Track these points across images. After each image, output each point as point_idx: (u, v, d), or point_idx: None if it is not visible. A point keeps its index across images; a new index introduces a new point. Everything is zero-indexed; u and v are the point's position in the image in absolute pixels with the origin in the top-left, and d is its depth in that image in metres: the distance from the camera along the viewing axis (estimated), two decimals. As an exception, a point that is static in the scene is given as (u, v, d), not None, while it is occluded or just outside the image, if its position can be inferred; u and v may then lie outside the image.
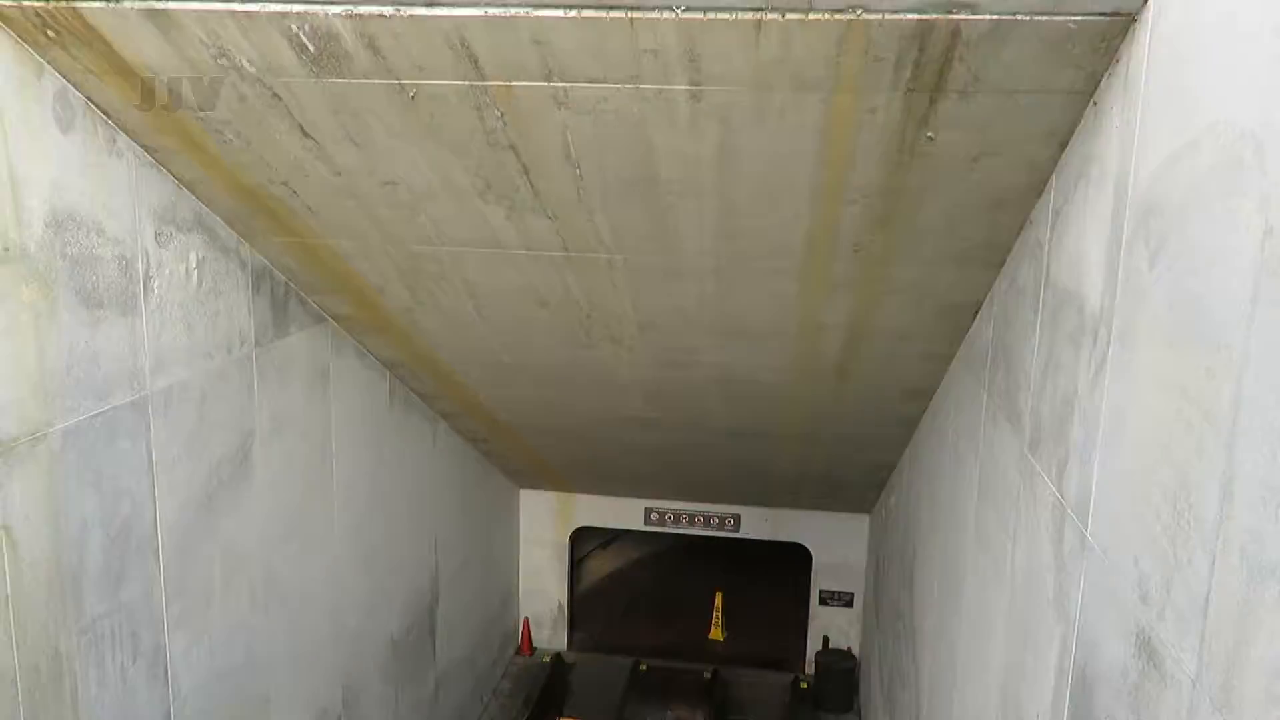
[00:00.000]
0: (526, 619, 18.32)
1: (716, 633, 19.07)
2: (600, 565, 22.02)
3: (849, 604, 17.51)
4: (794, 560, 20.47)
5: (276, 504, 8.31)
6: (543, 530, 18.01)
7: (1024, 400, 5.40)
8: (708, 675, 16.07)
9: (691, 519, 17.54)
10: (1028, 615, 5.14)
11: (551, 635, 18.45)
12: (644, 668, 16.27)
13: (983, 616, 6.50)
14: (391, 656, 12.08)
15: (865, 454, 12.28)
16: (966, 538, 7.26)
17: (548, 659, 16.36)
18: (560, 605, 18.34)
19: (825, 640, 17.58)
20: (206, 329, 6.83)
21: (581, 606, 20.39)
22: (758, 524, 17.51)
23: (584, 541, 21.40)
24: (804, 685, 15.80)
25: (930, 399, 9.44)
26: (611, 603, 20.50)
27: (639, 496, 17.57)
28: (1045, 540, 4.81)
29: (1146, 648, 3.32)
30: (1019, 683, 5.29)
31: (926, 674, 9.66)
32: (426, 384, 11.22)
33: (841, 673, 16.56)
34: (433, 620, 13.62)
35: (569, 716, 16.15)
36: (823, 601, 17.61)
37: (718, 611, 19.12)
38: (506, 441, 14.22)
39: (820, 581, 17.61)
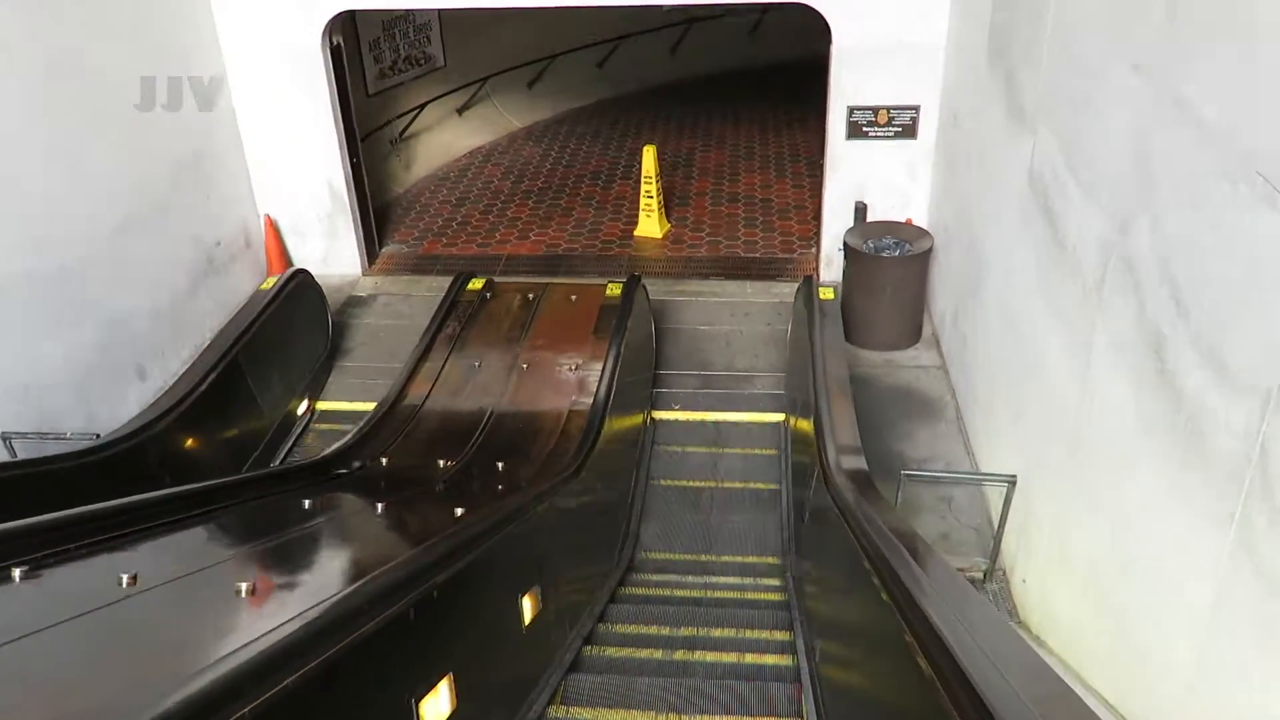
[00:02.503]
0: (269, 219, 9.36)
1: (650, 224, 10.26)
2: (448, 140, 12.79)
3: (907, 130, 8.50)
4: (795, 61, 11.59)
5: None
6: (261, 14, 8.52)
7: None
8: (614, 288, 7.33)
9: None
10: None
11: (330, 248, 9.59)
12: (478, 285, 7.57)
13: None
14: None
15: None
16: None
17: (272, 282, 7.58)
18: (332, 189, 9.30)
19: (860, 209, 8.77)
20: None
21: (406, 205, 11.41)
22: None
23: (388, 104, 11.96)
24: (828, 295, 7.13)
25: None
26: (463, 199, 11.51)
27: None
28: None
29: None
30: None
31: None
32: None
33: (900, 264, 7.92)
34: None
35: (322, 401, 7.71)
36: (855, 132, 8.58)
37: (650, 184, 10.15)
38: None
39: (847, 90, 8.44)
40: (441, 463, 5.42)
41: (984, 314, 6.53)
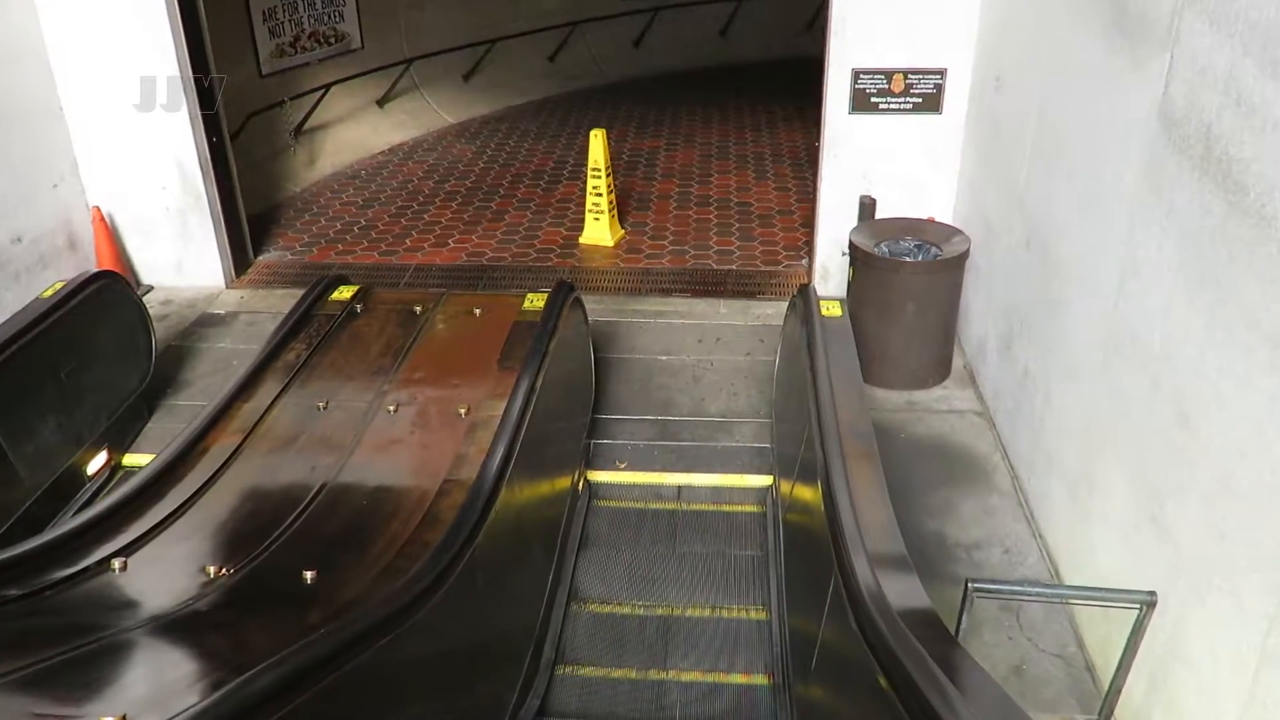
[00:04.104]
0: (98, 212, 7.21)
1: (600, 230, 8.20)
2: (364, 134, 10.72)
3: (928, 102, 6.53)
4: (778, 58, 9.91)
5: None
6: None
7: None
8: (536, 300, 5.26)
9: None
10: None
11: (185, 253, 7.45)
12: (346, 294, 5.48)
13: None
14: None
15: None
16: None
17: (58, 288, 5.46)
18: (183, 175, 7.18)
19: (866, 206, 6.76)
20: None
21: (301, 206, 9.32)
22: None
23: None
24: (834, 311, 5.08)
25: None
26: (372, 200, 9.42)
27: None
28: None
29: None
30: None
31: None
32: None
33: (927, 273, 5.91)
34: None
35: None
36: (862, 103, 6.60)
37: (599, 178, 8.10)
38: None
39: (852, 48, 6.47)
40: (213, 570, 3.26)
41: (1068, 339, 4.49)
